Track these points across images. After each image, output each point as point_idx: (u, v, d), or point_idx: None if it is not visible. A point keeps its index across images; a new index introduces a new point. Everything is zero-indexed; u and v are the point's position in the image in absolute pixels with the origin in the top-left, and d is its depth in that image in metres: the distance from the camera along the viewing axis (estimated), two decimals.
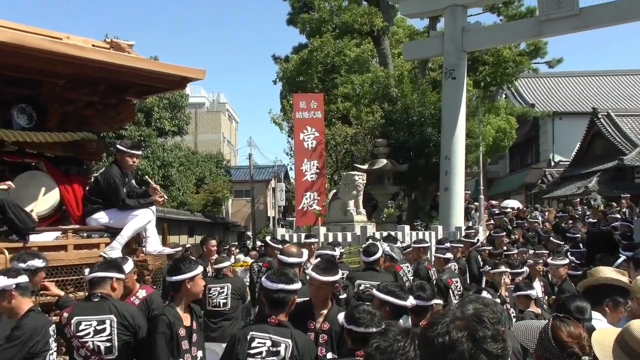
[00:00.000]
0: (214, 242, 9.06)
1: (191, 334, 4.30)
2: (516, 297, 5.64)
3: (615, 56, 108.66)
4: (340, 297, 4.77)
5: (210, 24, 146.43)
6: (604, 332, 2.87)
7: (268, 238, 8.38)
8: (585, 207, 19.13)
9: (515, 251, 10.44)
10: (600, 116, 29.35)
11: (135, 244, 6.18)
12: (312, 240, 9.27)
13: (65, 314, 4.25)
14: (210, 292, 7.33)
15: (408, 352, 2.50)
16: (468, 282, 9.31)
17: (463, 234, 12.88)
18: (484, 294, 4.60)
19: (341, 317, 3.68)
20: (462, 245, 10.39)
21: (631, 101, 36.40)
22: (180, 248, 9.47)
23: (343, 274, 6.96)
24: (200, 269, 4.34)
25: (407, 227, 13.17)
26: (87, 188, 6.22)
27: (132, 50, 6.40)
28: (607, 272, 3.79)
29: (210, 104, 56.28)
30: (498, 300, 4.93)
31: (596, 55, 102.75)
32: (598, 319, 3.62)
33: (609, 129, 28.68)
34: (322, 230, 12.81)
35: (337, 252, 7.32)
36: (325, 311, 4.38)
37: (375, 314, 3.60)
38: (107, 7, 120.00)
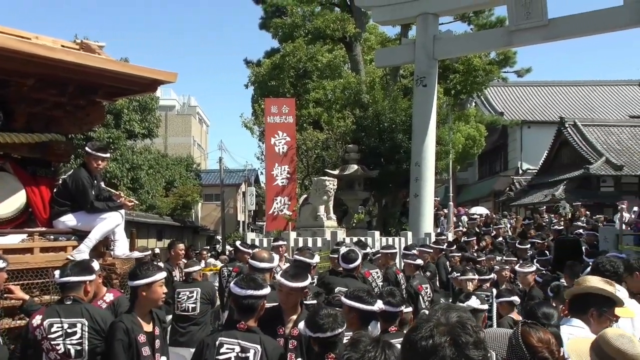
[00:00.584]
0: (181, 246, 8.98)
1: (153, 339, 4.25)
2: (498, 303, 5.71)
3: (583, 67, 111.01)
4: (308, 302, 4.74)
5: (182, 27, 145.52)
6: (577, 341, 2.93)
7: (238, 243, 8.34)
8: (553, 215, 19.47)
9: (484, 257, 10.55)
10: (567, 125, 29.91)
11: (103, 247, 6.10)
12: (280, 242, 9.27)
13: (39, 316, 4.18)
14: (179, 296, 7.27)
15: None
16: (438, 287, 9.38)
17: (433, 239, 12.99)
18: (473, 299, 4.61)
19: (302, 326, 3.65)
20: (431, 250, 10.48)
21: (597, 111, 37.19)
22: (149, 252, 9.35)
23: (313, 279, 6.97)
24: (158, 275, 4.24)
25: (377, 233, 13.23)
26: (54, 190, 6.12)
27: (102, 51, 6.33)
28: (593, 282, 3.81)
29: (181, 106, 55.87)
30: (486, 307, 4.95)
31: (564, 66, 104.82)
32: (580, 327, 3.66)
33: (576, 138, 29.24)
34: (293, 235, 12.80)
35: (314, 260, 7.30)
36: (294, 317, 4.36)
37: (337, 314, 3.60)
38: (77, 7, 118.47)
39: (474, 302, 4.52)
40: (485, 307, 4.67)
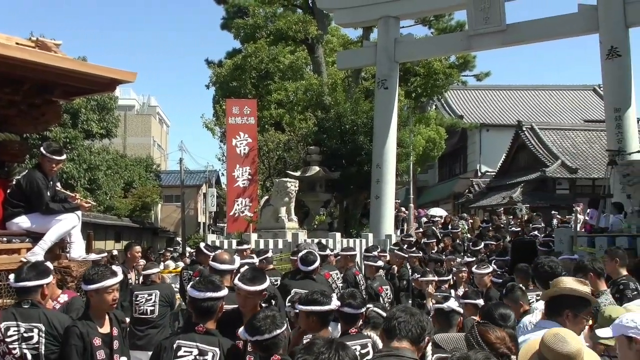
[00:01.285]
0: (138, 248, 8.82)
1: (111, 341, 4.19)
2: (464, 304, 5.76)
3: (540, 72, 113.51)
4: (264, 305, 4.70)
5: (142, 26, 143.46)
6: (528, 345, 2.98)
7: (202, 245, 8.22)
8: (510, 216, 19.82)
9: (444, 258, 10.66)
10: (524, 129, 30.52)
11: (58, 249, 5.97)
12: (245, 247, 9.21)
13: None
14: (137, 299, 7.16)
15: None
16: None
17: (394, 241, 13.07)
18: (451, 300, 4.64)
19: (241, 332, 3.62)
20: (406, 255, 10.50)
21: (553, 115, 38.04)
22: (106, 254, 9.18)
23: (276, 281, 6.94)
24: (110, 281, 4.17)
25: (338, 235, 13.27)
26: (8, 191, 5.96)
27: (58, 49, 6.19)
28: (567, 283, 3.84)
29: (141, 106, 55.12)
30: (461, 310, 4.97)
31: (522, 71, 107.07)
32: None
33: (533, 142, 29.86)
34: (254, 236, 12.75)
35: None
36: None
37: (275, 315, 3.59)
38: (34, 4, 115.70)
39: (452, 304, 4.57)
40: (461, 310, 4.71)
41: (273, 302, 4.99)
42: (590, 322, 4.21)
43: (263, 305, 4.58)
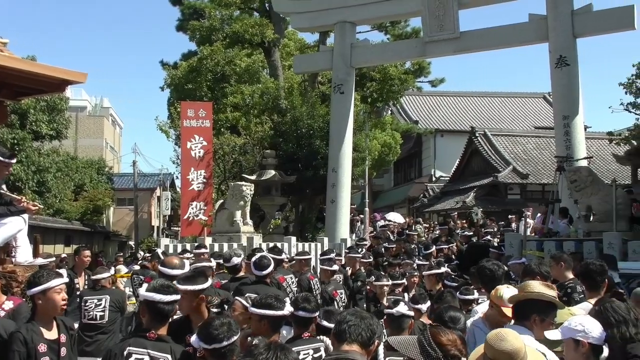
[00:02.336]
0: (87, 252, 8.60)
1: (59, 347, 4.09)
2: (412, 308, 5.80)
3: (493, 79, 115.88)
4: (215, 309, 4.65)
5: (94, 26, 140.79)
6: (481, 346, 3.04)
7: (159, 251, 8.10)
8: (464, 221, 20.15)
9: (400, 262, 10.74)
10: (477, 135, 31.12)
11: (3, 254, 5.80)
12: (203, 250, 9.13)
13: None
14: (87, 304, 6.98)
15: None
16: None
17: (349, 245, 13.14)
18: (401, 305, 4.67)
19: (194, 339, 3.55)
20: (367, 260, 10.53)
21: (505, 122, 38.89)
22: (54, 258, 8.96)
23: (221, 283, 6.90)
24: (54, 282, 4.07)
25: (293, 239, 13.27)
26: None
27: (5, 48, 6.03)
28: (536, 287, 3.89)
29: (93, 108, 54.00)
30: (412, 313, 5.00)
31: (476, 78, 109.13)
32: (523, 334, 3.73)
33: (485, 147, 30.47)
34: (208, 240, 12.64)
35: (213, 262, 7.23)
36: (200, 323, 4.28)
37: (230, 322, 3.55)
38: None
39: (402, 308, 4.60)
40: (412, 313, 4.75)
41: (226, 307, 4.93)
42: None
43: (214, 310, 4.52)
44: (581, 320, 3.36)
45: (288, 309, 4.22)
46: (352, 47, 16.59)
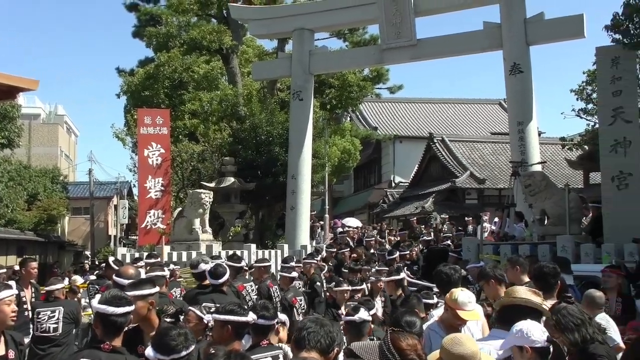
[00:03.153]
0: (34, 264, 8.36)
1: None
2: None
3: (451, 86, 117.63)
4: (168, 319, 4.56)
5: (49, 32, 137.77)
6: (436, 353, 3.07)
7: (111, 259, 7.93)
8: (423, 225, 20.34)
9: (361, 268, 10.75)
10: (435, 141, 31.50)
11: None
12: (153, 260, 8.98)
13: None
14: (39, 316, 6.80)
15: None
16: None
17: (309, 251, 13.13)
18: (362, 310, 4.67)
19: (150, 352, 3.47)
20: (314, 262, 10.55)
21: (463, 128, 39.47)
22: (4, 270, 8.69)
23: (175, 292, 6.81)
24: (4, 293, 3.99)
25: (253, 246, 13.22)
26: None
27: None
28: (522, 293, 3.92)
29: (47, 115, 52.80)
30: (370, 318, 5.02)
31: (433, 84, 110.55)
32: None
33: (444, 153, 30.85)
34: (166, 249, 12.48)
35: (166, 272, 7.12)
36: (154, 334, 4.21)
37: (186, 332, 3.52)
38: None
39: (362, 314, 4.63)
40: (370, 318, 4.78)
41: (181, 317, 4.85)
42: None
43: (167, 320, 4.45)
44: (521, 326, 3.40)
45: (252, 316, 4.19)
46: (311, 54, 16.63)
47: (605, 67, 11.21)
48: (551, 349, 3.42)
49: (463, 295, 4.36)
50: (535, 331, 3.36)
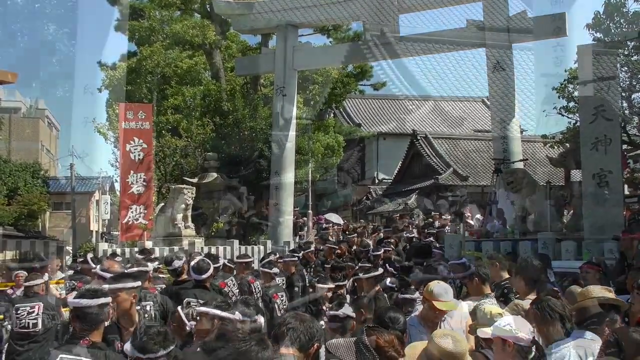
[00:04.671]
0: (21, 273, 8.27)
1: None
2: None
3: (433, 82, 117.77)
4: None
5: (30, 25, 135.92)
6: (413, 346, 3.07)
7: (89, 256, 7.86)
8: (406, 222, 20.37)
9: (345, 265, 10.73)
10: (419, 138, 31.60)
11: None
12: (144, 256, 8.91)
13: None
14: (19, 312, 6.71)
15: None
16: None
17: (292, 247, 13.10)
18: (346, 306, 4.67)
19: (128, 348, 3.45)
20: (295, 258, 10.49)
21: (446, 125, 39.58)
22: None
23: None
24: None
25: (236, 242, 13.17)
26: None
27: None
28: (597, 292, 3.95)
29: (28, 109, 52.12)
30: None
31: (417, 81, 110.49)
32: (593, 339, 3.76)
33: (427, 150, 30.97)
34: (149, 244, 12.40)
35: (149, 267, 7.07)
36: (132, 329, 4.18)
37: (166, 331, 3.51)
38: None
39: (347, 310, 4.64)
40: (354, 314, 4.79)
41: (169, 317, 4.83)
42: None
43: (146, 316, 4.43)
44: (510, 320, 3.44)
45: (238, 315, 4.15)
46: (294, 49, 16.58)
47: (586, 65, 11.30)
48: (534, 350, 3.44)
49: (439, 287, 4.44)
50: (522, 329, 3.40)
